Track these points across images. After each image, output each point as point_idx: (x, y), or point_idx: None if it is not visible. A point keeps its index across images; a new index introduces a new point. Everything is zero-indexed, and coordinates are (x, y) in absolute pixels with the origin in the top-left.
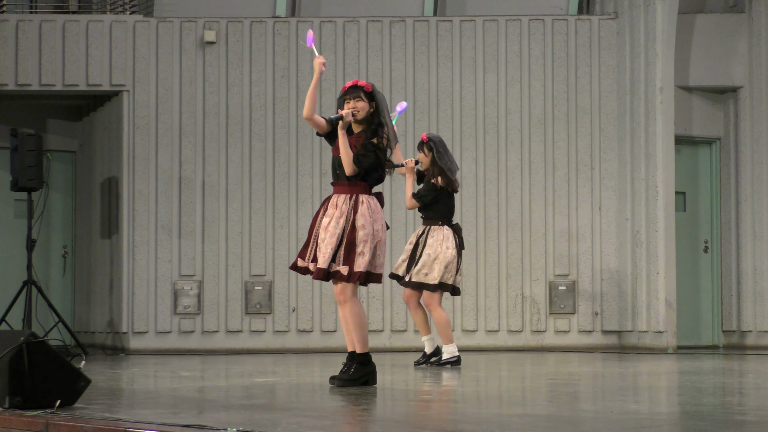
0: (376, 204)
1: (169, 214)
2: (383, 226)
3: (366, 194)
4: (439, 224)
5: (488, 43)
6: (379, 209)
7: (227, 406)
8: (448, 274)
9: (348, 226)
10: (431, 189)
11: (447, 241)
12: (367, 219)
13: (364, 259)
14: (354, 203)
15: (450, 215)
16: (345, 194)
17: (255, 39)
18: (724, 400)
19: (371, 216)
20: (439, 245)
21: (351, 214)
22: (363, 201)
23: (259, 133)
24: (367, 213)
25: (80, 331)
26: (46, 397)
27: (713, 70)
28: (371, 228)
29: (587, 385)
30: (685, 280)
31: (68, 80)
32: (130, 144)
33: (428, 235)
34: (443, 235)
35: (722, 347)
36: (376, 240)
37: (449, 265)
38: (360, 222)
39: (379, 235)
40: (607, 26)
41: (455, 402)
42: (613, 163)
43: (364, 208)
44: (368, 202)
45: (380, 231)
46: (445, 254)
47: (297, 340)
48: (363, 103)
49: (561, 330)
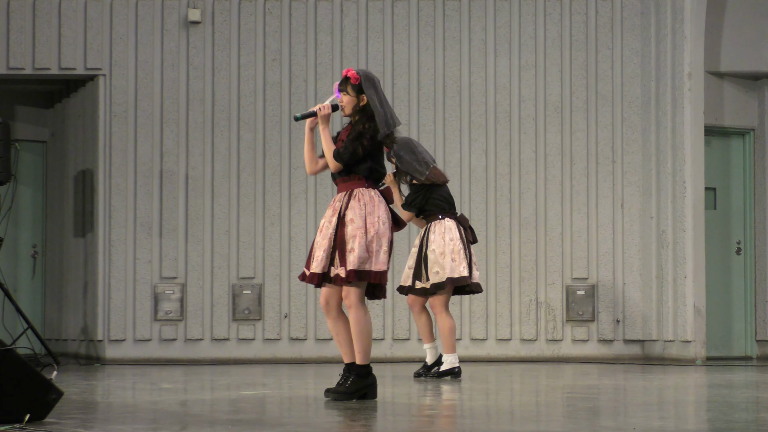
0: (373, 196)
1: (149, 211)
2: (381, 218)
3: (362, 187)
4: (439, 218)
5: (500, 23)
6: (377, 201)
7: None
8: (458, 267)
9: (339, 223)
10: (417, 190)
11: (450, 232)
12: (356, 212)
13: (354, 255)
14: (347, 198)
15: (447, 206)
16: (342, 192)
17: (244, 19)
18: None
19: (363, 209)
20: (441, 238)
21: (343, 210)
22: (356, 194)
23: (248, 122)
24: (357, 206)
25: (51, 339)
26: (14, 411)
27: (746, 54)
28: (362, 222)
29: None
30: (716, 284)
31: (39, 63)
32: (107, 133)
33: (429, 231)
34: (444, 227)
35: (756, 358)
36: (371, 234)
37: (456, 256)
38: (349, 216)
39: (375, 228)
40: (631, 5)
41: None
42: (636, 156)
43: (355, 201)
44: (363, 194)
45: (377, 223)
46: (447, 245)
47: (289, 349)
48: (349, 97)
49: (579, 339)
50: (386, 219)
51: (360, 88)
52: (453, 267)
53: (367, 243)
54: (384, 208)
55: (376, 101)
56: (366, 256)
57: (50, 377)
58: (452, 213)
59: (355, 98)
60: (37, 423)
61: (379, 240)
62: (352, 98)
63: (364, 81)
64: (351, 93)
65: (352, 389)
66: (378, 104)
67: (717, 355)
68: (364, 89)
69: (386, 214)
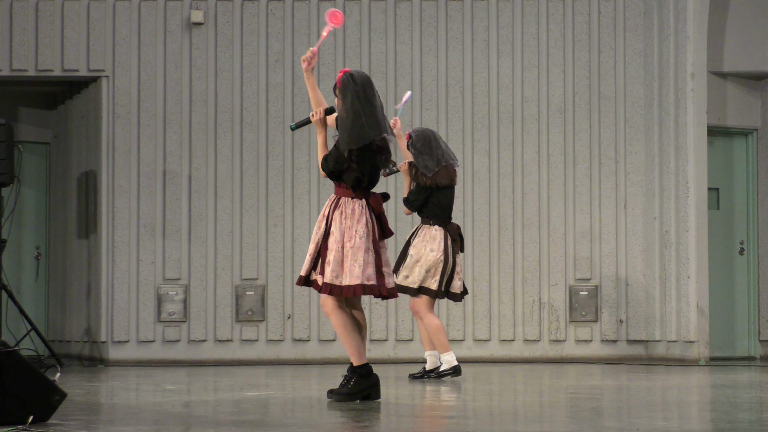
0: (356, 209)
1: (152, 212)
2: (359, 232)
3: (348, 197)
4: (430, 224)
5: (503, 24)
6: (359, 214)
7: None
8: (431, 279)
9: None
10: (419, 191)
11: (432, 242)
12: (337, 225)
13: (329, 269)
14: (334, 207)
15: (443, 214)
16: (334, 195)
17: (246, 20)
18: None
19: (343, 222)
20: (423, 246)
21: (329, 218)
22: (341, 205)
23: (251, 123)
24: (339, 218)
25: (55, 340)
26: (18, 412)
27: (750, 54)
28: (339, 235)
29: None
30: (719, 284)
31: (42, 65)
32: (110, 135)
33: (416, 234)
34: (430, 235)
35: (759, 358)
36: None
37: (432, 269)
38: (332, 228)
39: (352, 242)
40: (633, 5)
41: (466, 418)
42: (639, 156)
43: (338, 213)
44: (347, 206)
45: (353, 237)
46: (427, 257)
47: (292, 350)
48: (338, 100)
49: (582, 339)
50: (364, 233)
51: (342, 91)
52: (424, 278)
53: (343, 257)
54: (365, 221)
55: (349, 109)
56: (339, 270)
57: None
58: (444, 222)
59: (342, 101)
60: (41, 424)
61: (355, 254)
62: (340, 101)
63: (342, 85)
64: (339, 96)
65: (354, 390)
66: (351, 113)
67: (720, 355)
68: (341, 94)
69: (366, 228)
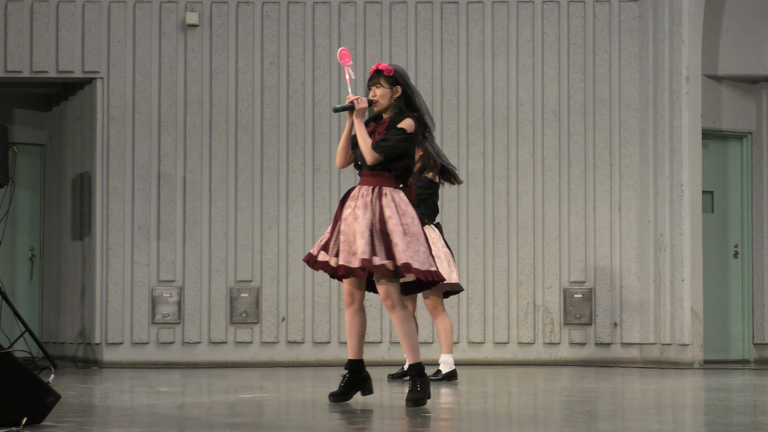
0: (401, 198)
1: (146, 214)
2: (414, 219)
3: (390, 187)
4: (426, 223)
5: (498, 26)
6: (405, 203)
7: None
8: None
9: (375, 218)
10: (426, 186)
11: (440, 241)
12: (393, 210)
13: (398, 250)
14: (378, 194)
15: (437, 213)
16: (368, 185)
17: (242, 22)
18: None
19: (396, 209)
20: (433, 245)
21: (377, 206)
22: (386, 194)
23: (246, 125)
24: (392, 205)
25: (49, 342)
26: (11, 414)
27: (745, 57)
28: (398, 219)
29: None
30: (713, 288)
31: (36, 66)
32: (104, 136)
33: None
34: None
35: (753, 362)
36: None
37: (450, 261)
38: (387, 213)
39: (411, 228)
40: (628, 9)
41: (460, 421)
42: (634, 159)
43: (388, 200)
44: (394, 195)
45: (410, 225)
46: (442, 251)
47: (287, 352)
48: (383, 90)
49: (576, 342)
50: (416, 220)
51: (395, 80)
52: (449, 273)
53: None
54: (411, 209)
55: (416, 92)
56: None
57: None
58: (435, 221)
59: (389, 90)
60: (35, 426)
61: (420, 239)
62: (387, 90)
63: (397, 72)
64: (385, 85)
65: (426, 389)
66: (419, 96)
67: (714, 358)
68: (397, 80)
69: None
